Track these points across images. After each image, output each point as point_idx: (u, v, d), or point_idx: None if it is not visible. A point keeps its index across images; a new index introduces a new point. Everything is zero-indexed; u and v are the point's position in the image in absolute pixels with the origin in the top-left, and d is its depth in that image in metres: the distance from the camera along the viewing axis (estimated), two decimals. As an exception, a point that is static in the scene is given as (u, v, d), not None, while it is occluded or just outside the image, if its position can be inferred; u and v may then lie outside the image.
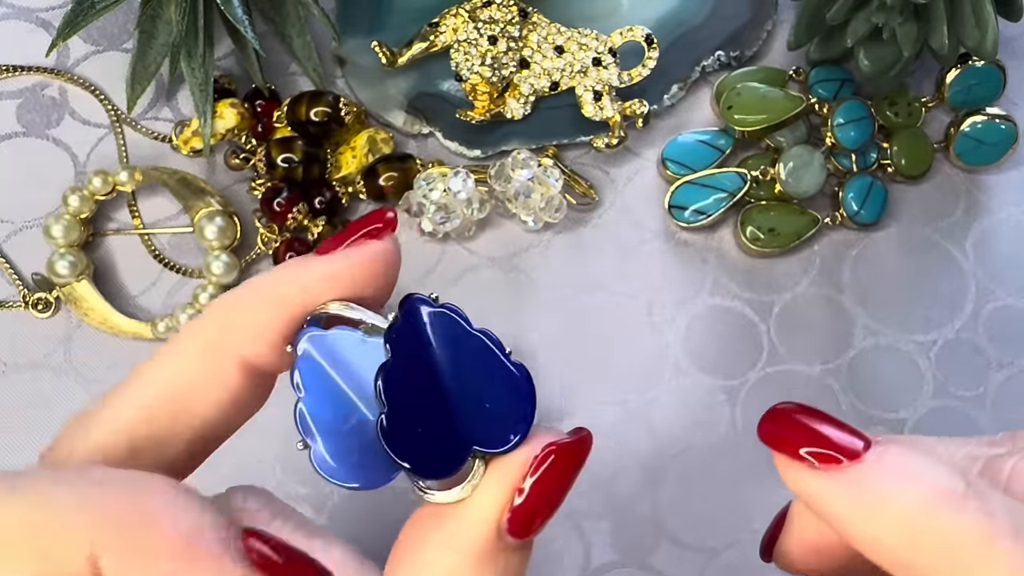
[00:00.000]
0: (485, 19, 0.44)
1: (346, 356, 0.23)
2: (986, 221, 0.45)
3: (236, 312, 0.23)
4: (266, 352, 0.23)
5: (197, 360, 0.23)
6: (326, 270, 0.23)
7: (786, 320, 0.43)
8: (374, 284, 0.24)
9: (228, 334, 0.23)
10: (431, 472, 0.22)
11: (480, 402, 0.22)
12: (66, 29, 0.41)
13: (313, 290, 0.23)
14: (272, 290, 0.23)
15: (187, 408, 0.23)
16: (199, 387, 0.23)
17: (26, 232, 0.44)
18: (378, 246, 0.24)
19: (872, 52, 0.42)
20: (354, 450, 0.22)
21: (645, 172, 0.45)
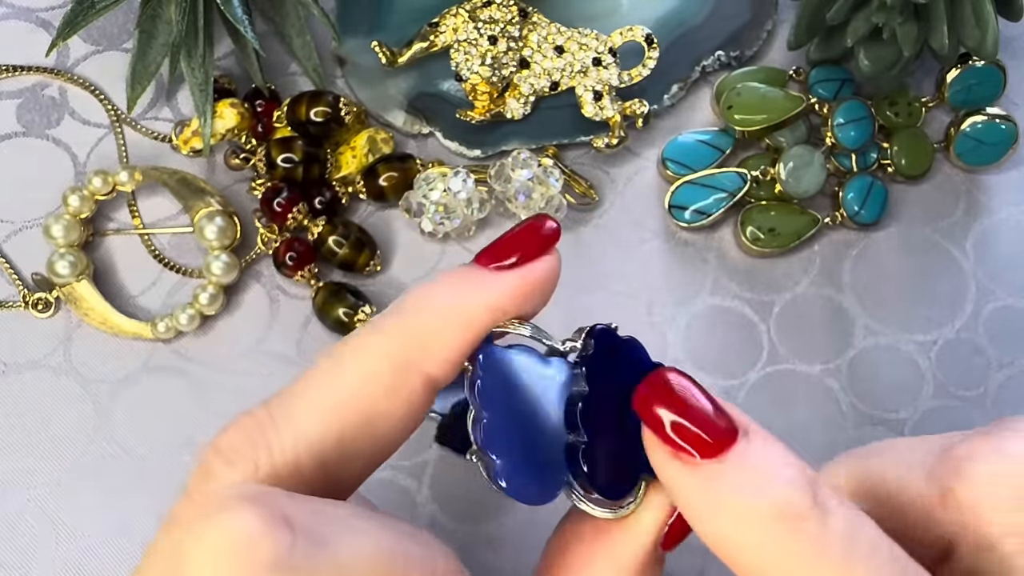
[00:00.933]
0: (485, 19, 0.44)
1: (524, 375, 0.24)
2: (986, 221, 0.45)
3: (425, 332, 0.23)
4: (449, 369, 0.23)
5: (385, 379, 0.22)
6: (511, 289, 0.24)
7: (786, 320, 0.43)
8: (543, 300, 0.25)
9: (416, 354, 0.23)
10: (615, 495, 0.23)
11: None
12: (66, 29, 0.41)
13: (499, 310, 0.23)
14: (462, 311, 0.23)
15: (373, 426, 0.22)
16: (386, 406, 0.23)
17: (26, 232, 0.44)
18: (552, 262, 0.25)
19: (872, 52, 0.42)
20: (532, 466, 0.23)
21: (645, 172, 0.45)
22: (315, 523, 0.19)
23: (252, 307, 0.43)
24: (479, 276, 0.24)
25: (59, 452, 0.41)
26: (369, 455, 0.23)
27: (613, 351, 0.24)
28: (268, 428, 0.22)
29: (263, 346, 0.42)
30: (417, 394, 0.23)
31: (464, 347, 0.23)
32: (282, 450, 0.21)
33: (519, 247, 0.24)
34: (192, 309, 0.42)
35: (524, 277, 0.24)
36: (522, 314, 0.24)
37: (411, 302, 0.24)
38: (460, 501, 0.41)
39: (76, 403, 0.41)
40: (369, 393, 0.22)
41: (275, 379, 0.42)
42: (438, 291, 0.24)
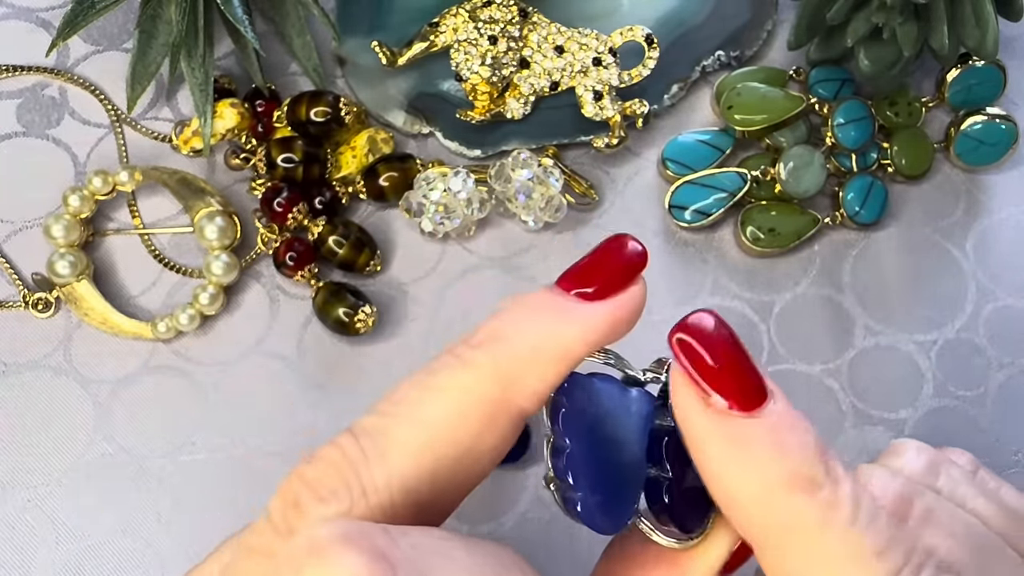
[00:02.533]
0: (485, 19, 0.44)
1: (607, 404, 0.23)
2: (986, 221, 0.45)
3: (520, 367, 0.22)
4: (539, 404, 0.23)
5: (480, 418, 0.22)
6: (603, 322, 0.23)
7: (786, 320, 0.43)
8: (630, 328, 0.24)
9: (511, 392, 0.22)
10: (690, 528, 0.23)
11: None
12: (66, 29, 0.41)
13: (594, 343, 0.23)
14: (557, 345, 0.22)
15: (466, 462, 0.22)
16: (478, 445, 0.22)
17: (26, 232, 0.44)
18: (641, 292, 0.24)
19: (872, 52, 0.42)
20: (608, 497, 0.23)
21: (645, 172, 0.45)
22: (414, 557, 0.19)
23: (252, 307, 0.43)
24: (572, 307, 0.23)
25: (59, 452, 0.41)
26: (462, 488, 0.23)
27: None
28: (361, 466, 0.21)
29: (263, 346, 0.42)
30: (509, 429, 0.22)
31: (558, 380, 0.23)
32: (376, 490, 0.21)
33: (606, 273, 0.23)
34: (192, 309, 0.42)
35: (618, 308, 0.23)
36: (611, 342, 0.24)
37: (501, 331, 0.23)
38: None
39: (76, 403, 0.41)
40: (463, 432, 0.22)
41: (275, 379, 0.42)
42: (530, 322, 0.23)
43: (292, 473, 0.21)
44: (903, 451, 0.32)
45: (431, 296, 0.43)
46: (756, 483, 0.21)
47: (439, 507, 0.22)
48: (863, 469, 0.30)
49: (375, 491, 0.21)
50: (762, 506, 0.21)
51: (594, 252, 0.24)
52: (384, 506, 0.21)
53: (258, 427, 0.41)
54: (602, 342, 0.23)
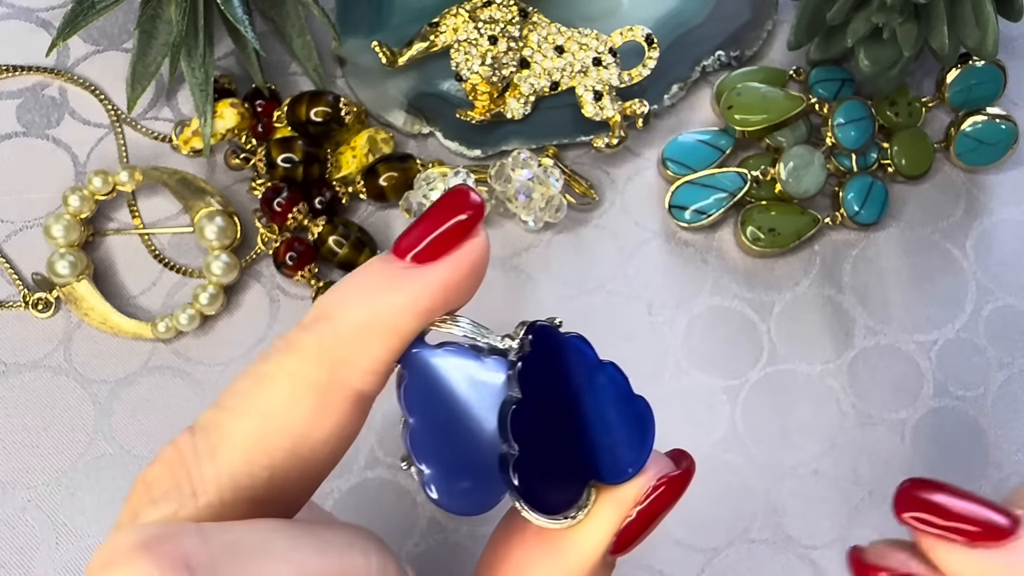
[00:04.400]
0: (485, 19, 0.44)
1: (456, 377, 0.22)
2: (986, 221, 0.45)
3: (346, 348, 0.21)
4: (378, 381, 0.21)
5: (309, 409, 0.21)
6: (437, 284, 0.21)
7: (786, 320, 0.43)
8: (474, 289, 0.22)
9: (340, 373, 0.21)
10: (554, 507, 0.22)
11: (600, 433, 0.22)
12: (66, 29, 0.41)
13: (426, 311, 0.21)
14: (385, 319, 0.21)
15: (303, 454, 0.21)
16: (313, 433, 0.21)
17: (26, 232, 0.44)
18: (480, 246, 0.22)
19: (872, 52, 0.42)
20: (465, 475, 0.21)
21: (645, 172, 0.45)
22: (222, 556, 0.18)
23: (252, 307, 0.43)
24: (400, 275, 0.21)
25: (59, 452, 0.41)
26: (308, 477, 0.21)
27: (553, 350, 0.22)
28: (192, 465, 0.20)
29: (263, 346, 0.42)
30: (347, 413, 0.21)
31: (391, 356, 0.21)
32: (205, 491, 0.20)
33: (436, 231, 0.21)
34: (192, 309, 0.42)
35: (452, 269, 0.21)
36: (454, 308, 0.22)
37: (327, 310, 0.21)
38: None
39: (76, 403, 0.41)
40: (295, 420, 0.20)
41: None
42: (355, 297, 0.21)
43: (139, 475, 0.21)
44: None
45: (431, 296, 0.43)
46: None
47: (286, 497, 0.21)
48: None
49: (204, 490, 0.20)
50: None
51: (428, 210, 0.22)
52: (213, 504, 0.20)
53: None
54: (439, 308, 0.21)
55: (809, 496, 0.41)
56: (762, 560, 0.40)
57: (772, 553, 0.40)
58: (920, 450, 0.42)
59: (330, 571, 0.19)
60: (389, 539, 0.23)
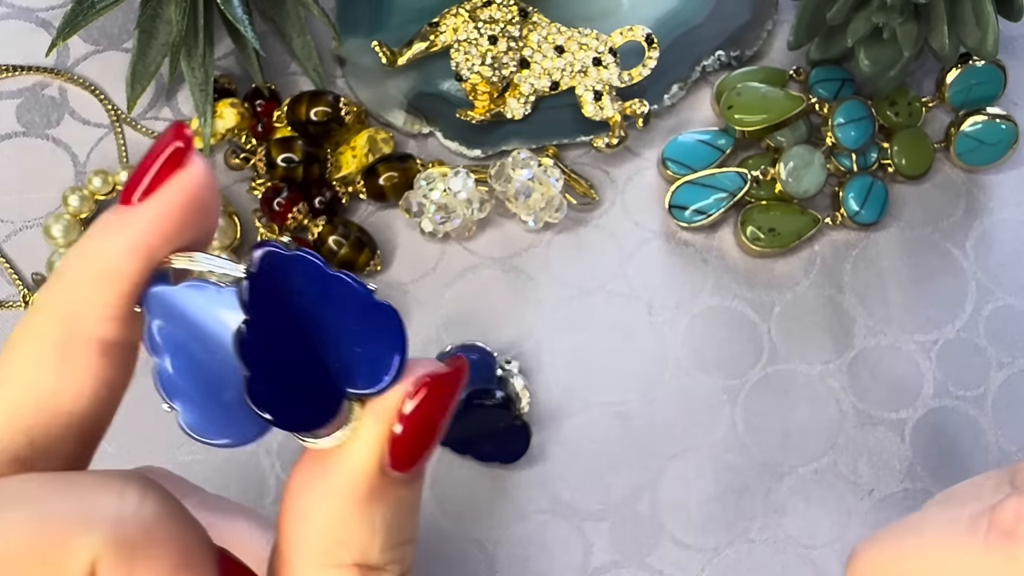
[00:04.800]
0: (485, 19, 0.44)
1: (201, 310, 0.21)
2: (986, 221, 0.45)
3: (73, 302, 0.21)
4: (119, 327, 0.21)
5: (53, 365, 0.21)
6: (150, 223, 0.21)
7: (786, 320, 0.43)
8: (201, 219, 0.21)
9: (75, 325, 0.21)
10: (306, 425, 0.21)
11: (349, 345, 0.21)
12: (66, 29, 0.41)
13: (145, 248, 0.21)
14: (102, 266, 0.21)
15: (61, 411, 0.21)
16: (66, 389, 0.21)
17: (26, 232, 0.44)
18: (192, 174, 0.21)
19: (872, 52, 0.42)
20: (223, 407, 0.21)
21: (645, 172, 0.45)
22: None
23: (252, 307, 0.43)
24: (117, 217, 0.21)
25: (59, 452, 0.41)
26: (76, 432, 0.21)
27: (279, 268, 0.21)
28: None
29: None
30: (95, 363, 0.21)
31: (120, 300, 0.21)
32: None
33: (153, 169, 0.21)
34: (192, 309, 0.42)
35: (163, 203, 0.21)
36: (186, 242, 0.21)
37: (58, 268, 0.21)
38: (459, 501, 0.41)
39: (76, 403, 0.41)
40: (43, 381, 0.21)
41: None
42: (79, 248, 0.21)
43: None
44: None
45: (431, 296, 0.43)
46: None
47: (57, 455, 0.21)
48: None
49: None
50: None
51: (144, 154, 0.22)
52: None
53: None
54: (161, 245, 0.21)
55: (809, 496, 0.41)
56: (762, 560, 0.40)
57: (772, 553, 0.40)
58: (920, 450, 0.42)
59: (72, 510, 0.19)
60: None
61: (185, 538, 0.20)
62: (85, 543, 0.18)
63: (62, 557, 0.18)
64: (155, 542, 0.19)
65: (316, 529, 0.21)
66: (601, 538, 0.41)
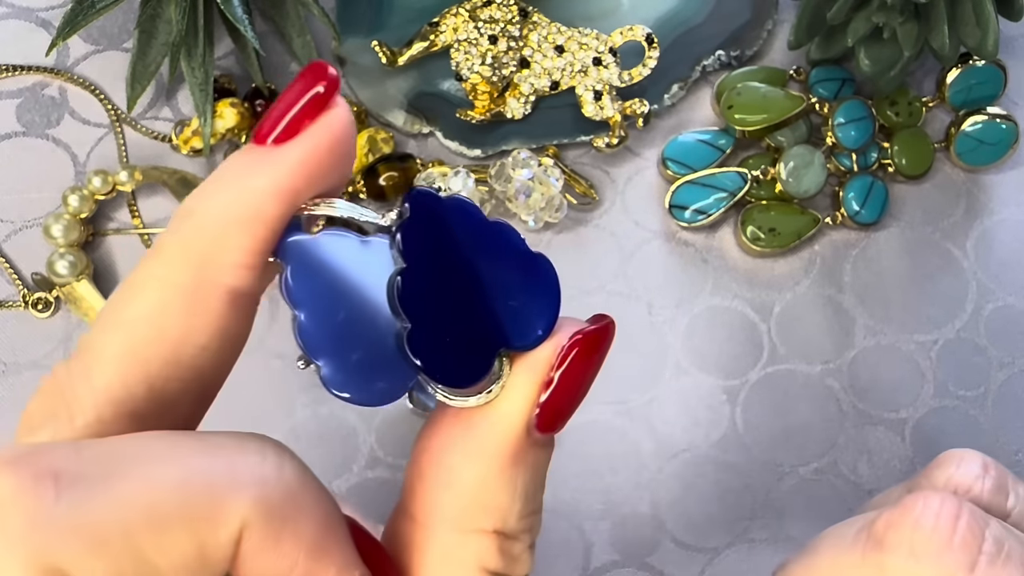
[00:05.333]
0: (485, 18, 0.44)
1: (342, 260, 0.20)
2: (986, 221, 0.45)
3: (207, 245, 0.19)
4: (252, 276, 0.20)
5: (180, 312, 0.19)
6: (296, 163, 0.19)
7: (786, 320, 0.43)
8: (342, 164, 0.20)
9: (207, 272, 0.19)
10: (462, 381, 0.20)
11: (502, 299, 0.21)
12: (66, 28, 0.41)
13: (290, 191, 0.19)
14: (243, 208, 0.19)
15: (184, 361, 0.20)
16: (190, 338, 0.19)
17: (26, 232, 0.44)
18: (338, 116, 0.20)
19: (873, 52, 0.42)
20: (366, 364, 0.20)
21: (645, 172, 0.45)
22: (94, 466, 0.17)
23: (252, 307, 0.43)
24: (258, 159, 0.20)
25: (59, 452, 0.41)
26: (194, 387, 0.20)
27: (435, 214, 0.20)
28: (67, 390, 0.19)
29: (263, 345, 0.42)
30: (223, 314, 0.20)
31: (259, 247, 0.19)
32: (82, 411, 0.19)
33: (296, 109, 0.20)
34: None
35: (310, 144, 0.20)
36: (325, 188, 0.20)
37: (189, 207, 0.20)
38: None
39: (76, 403, 0.41)
40: (166, 329, 0.19)
41: (275, 379, 0.42)
42: (213, 188, 0.20)
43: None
44: (962, 463, 0.28)
45: (431, 296, 0.43)
46: None
47: (173, 410, 0.20)
48: (921, 493, 0.26)
49: (81, 411, 0.19)
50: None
51: (284, 91, 0.20)
52: (91, 424, 0.19)
53: (257, 427, 0.41)
54: (305, 189, 0.20)
55: (809, 496, 0.41)
56: (762, 560, 0.40)
57: (772, 553, 0.40)
58: (920, 450, 0.42)
59: (219, 470, 0.18)
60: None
61: (325, 504, 0.19)
62: (235, 506, 0.18)
63: (212, 519, 0.17)
64: (300, 508, 0.18)
65: (458, 492, 0.20)
66: (601, 538, 0.41)
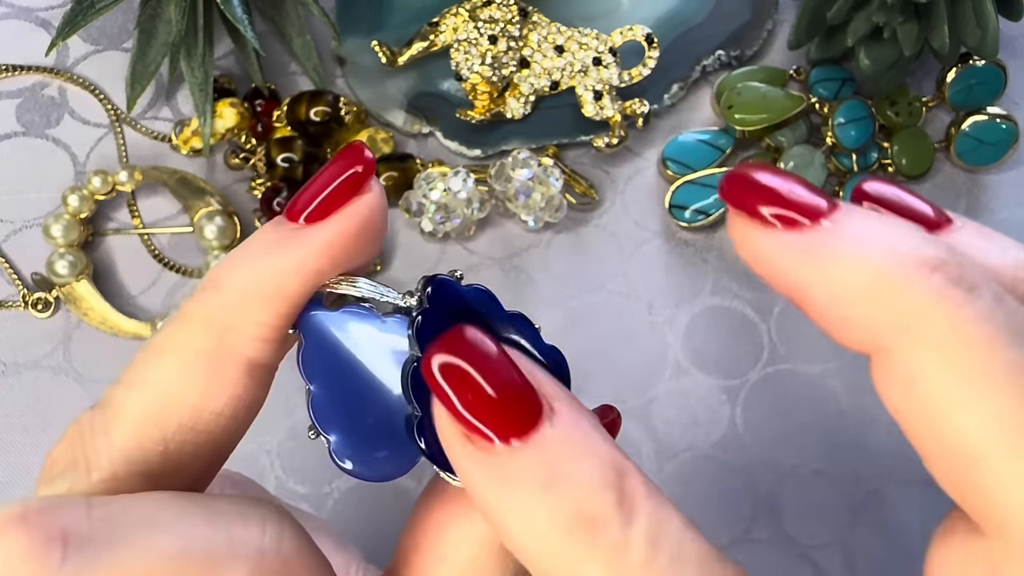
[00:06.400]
0: (485, 18, 0.44)
1: (358, 338, 0.21)
2: (986, 221, 0.45)
3: (229, 316, 0.20)
4: (271, 348, 0.21)
5: (200, 378, 0.20)
6: (322, 245, 0.20)
7: (787, 320, 0.43)
8: (370, 247, 0.21)
9: (227, 341, 0.20)
10: None
11: None
12: (66, 28, 0.41)
13: (314, 271, 0.20)
14: (266, 284, 0.20)
15: (199, 428, 0.20)
16: (207, 405, 0.20)
17: (26, 232, 0.44)
18: (369, 201, 0.21)
19: (872, 51, 0.42)
20: (373, 440, 0.20)
21: (645, 172, 0.45)
22: (103, 529, 0.18)
23: (252, 307, 0.43)
24: (287, 236, 0.20)
25: (59, 452, 0.41)
26: (207, 451, 0.21)
27: (453, 304, 0.20)
28: (88, 441, 0.20)
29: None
30: (240, 383, 0.20)
31: (278, 322, 0.20)
32: (99, 466, 0.20)
33: (329, 189, 0.20)
34: (192, 309, 0.42)
35: (338, 226, 0.20)
36: (350, 268, 0.21)
37: (215, 277, 0.20)
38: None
39: (76, 403, 0.41)
40: (185, 394, 0.20)
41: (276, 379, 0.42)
42: (241, 261, 0.20)
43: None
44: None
45: (431, 296, 0.43)
46: (528, 528, 0.17)
47: (185, 472, 0.21)
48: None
49: (98, 466, 0.20)
50: (539, 554, 0.17)
51: (320, 170, 0.21)
52: (107, 480, 0.20)
53: (256, 427, 0.41)
54: (328, 269, 0.20)
55: (809, 496, 0.41)
56: (762, 560, 0.40)
57: (772, 553, 0.40)
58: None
59: (218, 542, 0.18)
60: (389, 539, 0.23)
61: (318, 573, 0.19)
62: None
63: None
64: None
65: (451, 568, 0.20)
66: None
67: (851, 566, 0.40)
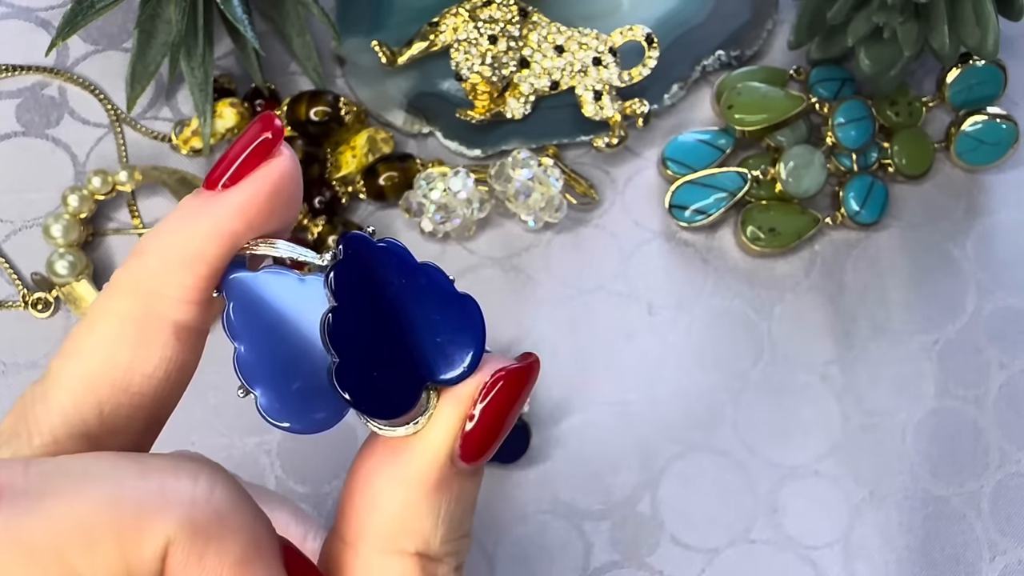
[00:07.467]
0: (485, 18, 0.44)
1: (281, 297, 0.22)
2: (986, 221, 0.45)
3: (154, 282, 0.21)
4: (196, 311, 0.22)
5: (129, 343, 0.21)
6: (236, 208, 0.21)
7: (786, 320, 0.43)
8: (284, 210, 0.22)
9: (154, 305, 0.21)
10: (388, 413, 0.21)
11: (429, 336, 0.22)
12: (66, 28, 0.41)
13: (230, 234, 0.21)
14: (185, 248, 0.21)
15: (133, 391, 0.21)
16: (138, 368, 0.21)
17: (26, 232, 0.44)
18: (279, 165, 0.22)
19: (873, 52, 0.42)
20: (300, 394, 0.22)
21: (645, 172, 0.45)
22: (38, 483, 0.19)
23: (252, 307, 0.43)
24: (201, 202, 0.21)
25: (59, 452, 0.41)
26: (144, 413, 0.22)
27: (367, 257, 0.22)
28: (29, 412, 0.21)
29: (263, 346, 0.42)
30: (169, 345, 0.21)
31: (200, 284, 0.21)
32: (39, 432, 0.21)
33: (238, 156, 0.22)
34: (192, 309, 0.42)
35: (250, 189, 0.21)
36: (268, 231, 0.22)
37: (140, 247, 0.22)
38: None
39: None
40: (116, 359, 0.21)
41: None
42: (163, 229, 0.22)
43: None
44: None
45: (431, 296, 0.43)
46: None
47: (124, 432, 0.22)
48: None
49: (38, 432, 0.21)
50: None
51: (234, 140, 0.22)
52: (47, 444, 0.21)
53: (257, 427, 0.41)
54: (245, 231, 0.21)
55: (809, 496, 0.41)
56: (762, 560, 0.40)
57: (772, 553, 0.40)
58: (920, 450, 0.42)
59: (149, 490, 0.19)
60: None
61: (254, 527, 0.20)
62: (161, 525, 0.19)
63: (138, 536, 0.19)
64: (226, 529, 0.19)
65: (383, 515, 0.21)
66: (601, 538, 0.41)
67: (851, 566, 0.40)
